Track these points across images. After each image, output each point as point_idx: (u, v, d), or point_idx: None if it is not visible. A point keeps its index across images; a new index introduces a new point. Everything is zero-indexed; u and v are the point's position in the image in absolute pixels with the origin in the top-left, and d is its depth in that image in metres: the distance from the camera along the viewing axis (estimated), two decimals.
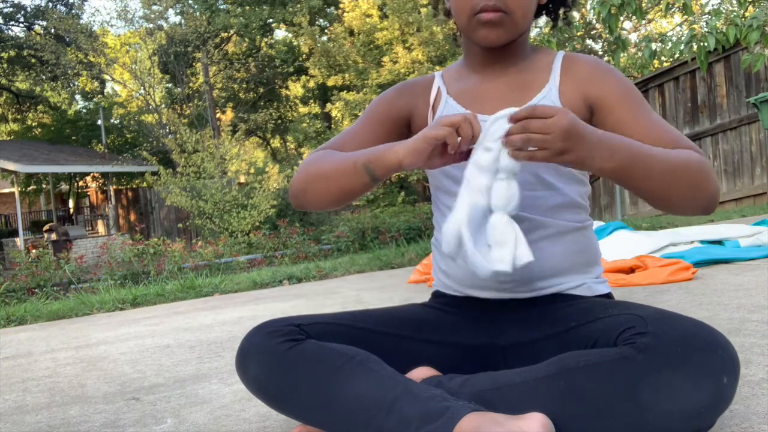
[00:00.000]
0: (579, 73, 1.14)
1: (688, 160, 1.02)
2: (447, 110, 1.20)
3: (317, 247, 8.28)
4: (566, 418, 0.89)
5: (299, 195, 1.18)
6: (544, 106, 0.93)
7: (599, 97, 1.11)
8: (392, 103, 1.25)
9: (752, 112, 7.55)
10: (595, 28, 13.56)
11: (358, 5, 14.69)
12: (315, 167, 1.16)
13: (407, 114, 1.24)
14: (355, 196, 1.13)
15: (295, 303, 3.43)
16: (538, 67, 1.17)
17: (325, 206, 1.16)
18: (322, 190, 1.14)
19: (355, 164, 1.08)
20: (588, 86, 1.12)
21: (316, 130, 19.14)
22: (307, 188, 1.16)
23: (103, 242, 9.31)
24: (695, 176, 1.01)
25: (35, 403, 1.73)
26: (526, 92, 1.15)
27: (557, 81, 1.14)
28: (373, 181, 1.08)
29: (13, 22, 20.81)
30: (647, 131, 1.07)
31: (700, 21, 5.17)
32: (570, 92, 1.13)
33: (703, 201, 1.03)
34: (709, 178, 1.03)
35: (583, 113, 1.12)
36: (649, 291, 2.52)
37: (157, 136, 18.61)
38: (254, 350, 1.09)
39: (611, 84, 1.12)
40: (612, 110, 1.10)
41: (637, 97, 1.12)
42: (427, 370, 1.11)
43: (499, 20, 1.10)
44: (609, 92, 1.11)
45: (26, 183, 19.91)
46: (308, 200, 1.17)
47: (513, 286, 1.13)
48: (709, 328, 0.92)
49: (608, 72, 1.14)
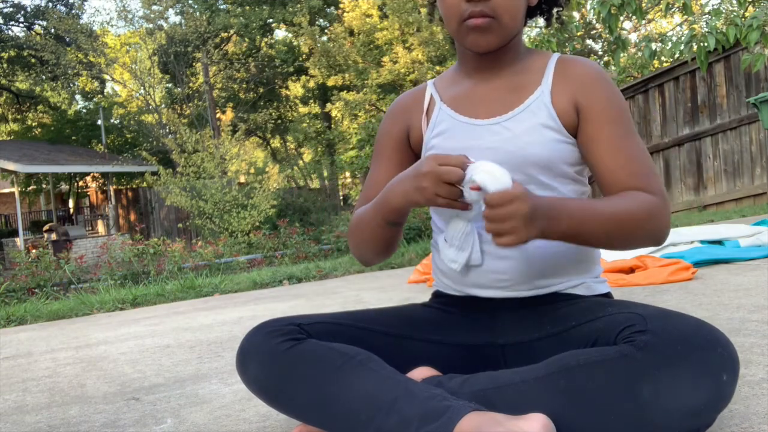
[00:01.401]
0: (573, 77, 1.14)
1: (632, 210, 1.03)
2: (441, 116, 1.21)
3: (317, 247, 8.29)
4: (567, 417, 0.89)
5: (359, 258, 1.27)
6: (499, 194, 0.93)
7: (585, 105, 1.12)
8: (390, 132, 1.29)
9: (752, 112, 7.55)
10: (595, 28, 13.56)
11: (358, 5, 14.69)
12: (355, 232, 1.23)
13: (405, 133, 1.27)
14: (395, 240, 1.19)
15: (295, 303, 3.43)
16: (532, 69, 1.17)
17: (379, 259, 1.24)
18: (369, 249, 1.22)
19: (375, 217, 1.14)
20: (579, 91, 1.13)
21: (316, 130, 19.16)
22: (359, 252, 1.25)
23: (103, 242, 9.31)
24: (638, 225, 1.04)
25: (35, 403, 1.73)
26: (519, 94, 1.15)
27: (550, 83, 1.14)
28: (394, 225, 1.14)
29: (13, 22, 20.80)
30: (612, 155, 1.09)
31: (700, 21, 5.17)
32: (561, 94, 1.13)
33: (648, 242, 1.07)
34: (655, 222, 1.05)
35: (571, 115, 1.12)
36: (649, 291, 2.52)
37: (157, 136, 18.61)
38: (254, 350, 1.09)
39: (600, 96, 1.12)
40: (591, 122, 1.11)
41: (619, 116, 1.12)
42: (427, 370, 1.11)
43: (488, 26, 1.10)
44: (595, 103, 1.11)
45: (26, 183, 19.92)
46: (366, 260, 1.26)
47: (512, 284, 1.13)
48: (708, 326, 0.92)
49: (601, 82, 1.13)
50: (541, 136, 1.11)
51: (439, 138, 1.19)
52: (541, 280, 1.14)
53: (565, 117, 1.12)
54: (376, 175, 1.29)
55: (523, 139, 1.11)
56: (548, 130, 1.11)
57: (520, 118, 1.13)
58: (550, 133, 1.11)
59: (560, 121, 1.12)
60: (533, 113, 1.12)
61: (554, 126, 1.11)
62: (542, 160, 1.10)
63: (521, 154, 1.10)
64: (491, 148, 1.12)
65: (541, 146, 1.10)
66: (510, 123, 1.13)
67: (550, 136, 1.11)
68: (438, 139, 1.19)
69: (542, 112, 1.12)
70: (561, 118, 1.12)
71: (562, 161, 1.12)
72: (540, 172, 1.11)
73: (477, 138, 1.14)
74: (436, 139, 1.20)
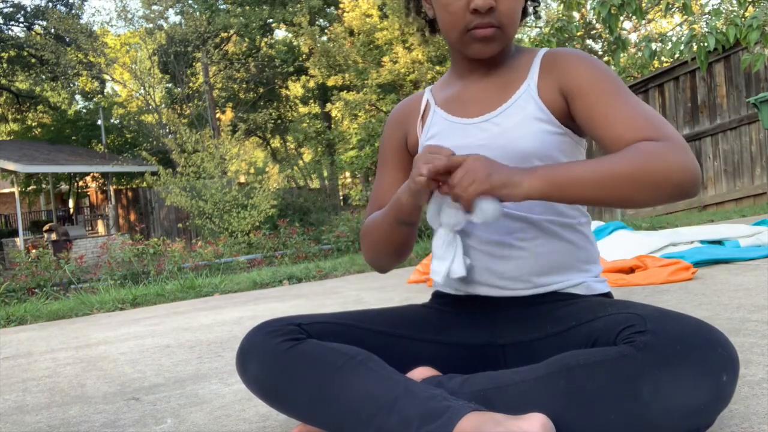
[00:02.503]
0: (556, 66, 1.15)
1: (635, 158, 0.97)
2: (435, 119, 1.24)
3: (317, 247, 8.29)
4: (566, 417, 0.89)
5: (373, 264, 1.30)
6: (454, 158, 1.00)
7: (572, 86, 1.11)
8: (390, 139, 1.32)
9: (752, 112, 7.55)
10: (595, 28, 13.56)
11: (358, 5, 14.69)
12: (367, 238, 1.26)
13: (404, 140, 1.31)
14: (409, 242, 1.22)
15: (295, 303, 3.43)
16: (519, 66, 1.19)
17: (393, 264, 1.27)
18: (382, 254, 1.24)
19: (387, 217, 1.17)
20: (563, 76, 1.13)
21: (316, 130, 19.17)
22: (372, 258, 1.28)
23: (103, 242, 9.30)
24: (643, 174, 0.96)
25: (35, 403, 1.73)
26: (507, 91, 1.17)
27: (536, 77, 1.15)
28: (408, 226, 1.17)
29: (13, 22, 20.81)
30: (616, 116, 1.05)
31: (700, 21, 5.17)
32: (548, 86, 1.14)
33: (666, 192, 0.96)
34: (659, 165, 0.96)
35: (560, 102, 1.12)
36: (649, 291, 2.52)
37: (157, 136, 18.61)
38: (255, 349, 1.10)
39: (584, 71, 1.11)
40: (582, 96, 1.09)
41: (610, 83, 1.10)
42: (427, 370, 1.11)
43: (493, 35, 1.12)
44: (581, 79, 1.11)
45: (26, 183, 19.92)
46: (380, 265, 1.29)
47: (510, 282, 1.14)
48: (708, 326, 0.92)
49: (583, 60, 1.13)
50: (530, 128, 1.12)
51: (433, 140, 1.22)
52: (541, 278, 1.14)
53: (554, 106, 1.13)
54: (381, 182, 1.32)
55: (512, 134, 1.12)
56: (537, 122, 1.12)
57: (509, 113, 1.14)
58: (540, 124, 1.12)
59: (550, 112, 1.12)
60: (521, 107, 1.14)
61: (544, 117, 1.12)
62: (534, 152, 1.11)
63: (512, 148, 1.11)
64: (482, 145, 1.13)
65: (531, 138, 1.11)
66: (499, 119, 1.15)
67: (540, 128, 1.12)
68: (431, 141, 1.22)
69: (530, 105, 1.13)
70: (550, 109, 1.12)
71: (555, 151, 1.12)
72: (534, 164, 1.11)
73: (468, 136, 1.16)
74: (430, 141, 1.22)
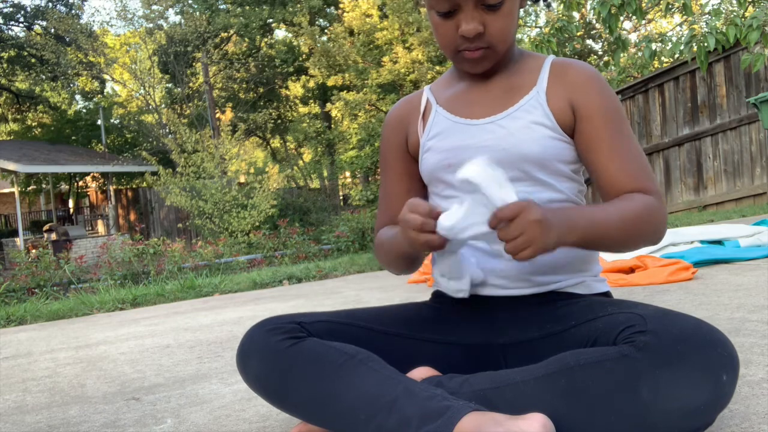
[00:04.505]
0: (569, 79, 1.15)
1: (638, 212, 1.06)
2: (437, 119, 1.22)
3: (317, 247, 8.29)
4: (566, 416, 0.89)
5: (389, 270, 1.30)
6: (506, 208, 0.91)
7: (582, 105, 1.13)
8: (391, 141, 1.31)
9: (752, 112, 7.55)
10: (595, 28, 13.55)
11: (358, 5, 14.69)
12: (380, 252, 1.28)
13: (404, 141, 1.28)
14: (418, 261, 1.23)
15: (295, 303, 3.43)
16: (526, 70, 1.18)
17: (408, 272, 1.27)
18: (394, 267, 1.26)
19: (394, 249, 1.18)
20: (576, 93, 1.13)
21: (316, 130, 19.15)
22: (388, 268, 1.29)
23: (103, 242, 9.30)
24: (643, 226, 1.07)
25: (35, 403, 1.73)
26: (514, 95, 1.16)
27: (545, 84, 1.15)
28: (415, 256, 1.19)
29: (13, 22, 20.80)
30: (609, 156, 1.11)
31: (700, 21, 5.17)
32: (557, 95, 1.14)
33: (649, 242, 1.10)
34: (654, 222, 1.08)
35: (568, 114, 1.13)
36: (649, 291, 2.52)
37: (157, 136, 18.61)
38: (255, 347, 1.09)
39: (595, 97, 1.13)
40: (590, 121, 1.12)
41: (617, 118, 1.13)
42: (427, 370, 1.11)
43: (482, 56, 1.13)
44: (591, 104, 1.12)
45: (26, 183, 19.92)
46: (396, 273, 1.30)
47: (509, 281, 1.14)
48: (708, 326, 0.92)
49: (596, 83, 1.14)
50: (535, 133, 1.12)
51: (435, 139, 1.20)
52: (541, 277, 1.14)
53: (561, 116, 1.13)
54: (386, 186, 1.32)
55: (517, 137, 1.12)
56: (543, 128, 1.12)
57: (515, 116, 1.14)
58: (545, 130, 1.12)
59: (556, 121, 1.12)
60: (528, 112, 1.13)
61: (549, 124, 1.12)
62: (537, 157, 1.11)
63: (515, 151, 1.11)
64: (486, 147, 1.13)
65: (535, 143, 1.11)
66: (505, 121, 1.14)
67: (545, 134, 1.12)
68: (434, 140, 1.20)
69: (537, 110, 1.13)
70: (557, 118, 1.13)
71: (558, 159, 1.12)
72: (536, 169, 1.12)
73: (472, 137, 1.15)
74: (432, 141, 1.21)
